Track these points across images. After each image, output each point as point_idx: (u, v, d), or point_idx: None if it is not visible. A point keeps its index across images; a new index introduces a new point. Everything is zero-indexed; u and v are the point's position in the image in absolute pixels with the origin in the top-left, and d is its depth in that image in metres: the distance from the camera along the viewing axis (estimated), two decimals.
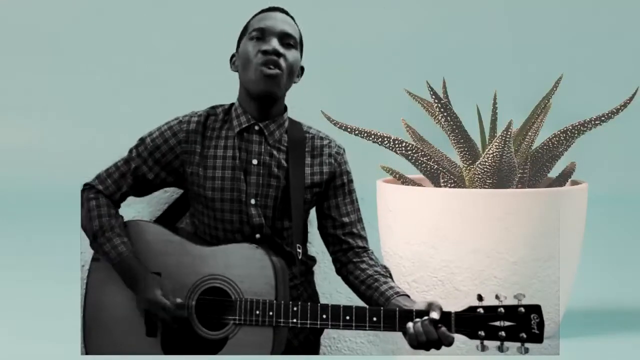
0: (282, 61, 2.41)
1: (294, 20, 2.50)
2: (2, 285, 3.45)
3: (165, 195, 2.66)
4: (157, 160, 2.49)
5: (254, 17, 2.49)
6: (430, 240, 2.80)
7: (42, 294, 3.32)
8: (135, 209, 2.64)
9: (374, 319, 2.28)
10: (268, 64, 2.40)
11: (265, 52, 2.41)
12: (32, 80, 5.76)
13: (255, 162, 2.45)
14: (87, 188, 2.50)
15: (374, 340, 2.86)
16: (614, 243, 4.36)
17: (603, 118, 2.91)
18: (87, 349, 2.46)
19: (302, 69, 2.52)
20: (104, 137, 5.29)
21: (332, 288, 2.80)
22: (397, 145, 2.96)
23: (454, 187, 2.92)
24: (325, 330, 2.59)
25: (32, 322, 3.00)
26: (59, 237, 4.05)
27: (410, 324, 2.26)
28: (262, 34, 2.44)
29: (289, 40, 2.44)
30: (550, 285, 2.79)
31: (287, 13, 2.49)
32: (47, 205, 4.77)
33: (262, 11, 2.49)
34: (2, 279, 3.55)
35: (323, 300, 2.69)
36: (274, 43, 2.42)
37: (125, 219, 2.51)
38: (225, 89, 2.57)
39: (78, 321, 2.54)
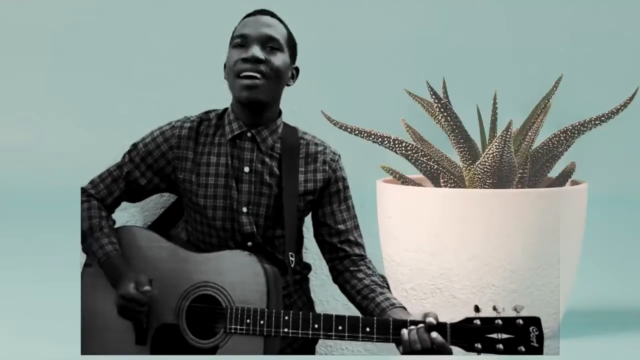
0: (263, 67, 2.37)
1: (281, 21, 2.45)
2: (2, 285, 3.45)
3: (162, 200, 2.65)
4: (150, 166, 2.47)
5: (239, 22, 2.45)
6: (429, 246, 2.80)
7: (42, 294, 3.31)
8: (130, 212, 2.63)
9: (367, 329, 2.23)
10: (247, 72, 2.37)
11: (244, 60, 2.38)
12: (32, 79, 5.75)
13: (247, 169, 2.42)
14: (81, 193, 2.50)
15: (371, 348, 2.83)
16: (614, 243, 4.35)
17: (603, 118, 2.91)
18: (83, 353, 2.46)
19: (297, 70, 2.49)
20: (104, 137, 5.29)
21: (328, 295, 2.77)
22: (397, 145, 2.95)
23: (454, 187, 2.92)
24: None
25: (32, 322, 2.99)
26: (59, 237, 4.05)
27: (404, 331, 2.21)
28: (244, 41, 2.40)
29: (272, 43, 2.40)
30: (548, 294, 2.78)
31: (272, 14, 2.45)
32: (47, 205, 4.77)
33: (246, 16, 2.45)
34: (2, 279, 3.55)
35: (319, 307, 2.66)
36: (254, 50, 2.38)
37: (120, 223, 2.50)
38: (225, 91, 2.57)
39: (78, 321, 2.54)
